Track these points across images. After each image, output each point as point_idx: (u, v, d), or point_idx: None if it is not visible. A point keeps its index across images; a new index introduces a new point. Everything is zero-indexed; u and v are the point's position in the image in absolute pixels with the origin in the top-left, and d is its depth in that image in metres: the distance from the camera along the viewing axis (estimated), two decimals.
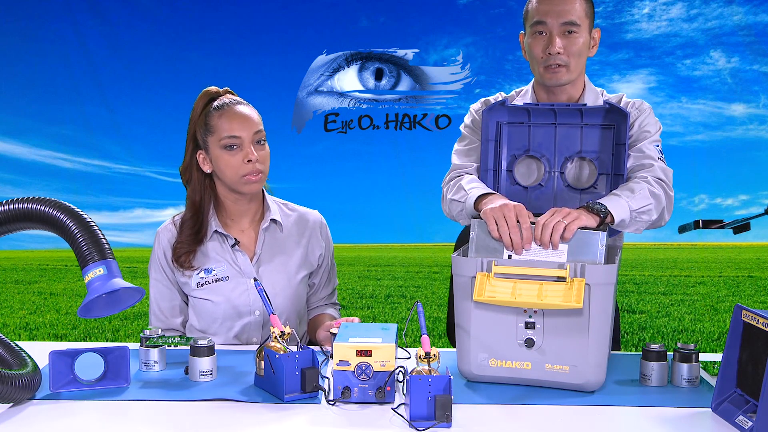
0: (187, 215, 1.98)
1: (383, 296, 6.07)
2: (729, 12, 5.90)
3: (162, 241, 2.00)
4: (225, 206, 2.00)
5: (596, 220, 1.62)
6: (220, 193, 1.99)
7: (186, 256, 1.96)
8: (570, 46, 1.85)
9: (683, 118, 6.08)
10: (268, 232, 2.02)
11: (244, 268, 1.97)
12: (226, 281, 1.96)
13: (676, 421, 1.40)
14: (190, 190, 1.98)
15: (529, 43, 1.89)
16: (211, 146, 1.92)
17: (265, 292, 1.60)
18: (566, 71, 1.87)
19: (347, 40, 6.17)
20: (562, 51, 1.84)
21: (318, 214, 2.12)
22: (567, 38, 1.84)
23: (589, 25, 1.88)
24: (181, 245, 1.96)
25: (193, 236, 1.96)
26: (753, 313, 1.35)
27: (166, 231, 2.01)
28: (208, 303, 1.96)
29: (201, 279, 1.96)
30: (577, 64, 1.88)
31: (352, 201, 6.23)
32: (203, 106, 1.94)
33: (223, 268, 1.97)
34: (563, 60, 1.85)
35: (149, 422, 1.40)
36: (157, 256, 2.01)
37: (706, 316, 5.48)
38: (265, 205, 2.04)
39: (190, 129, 1.96)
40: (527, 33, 1.90)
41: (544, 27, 1.85)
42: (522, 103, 1.87)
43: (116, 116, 6.17)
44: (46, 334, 5.11)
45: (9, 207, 1.44)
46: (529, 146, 1.86)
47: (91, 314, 1.49)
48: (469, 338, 1.55)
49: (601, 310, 1.48)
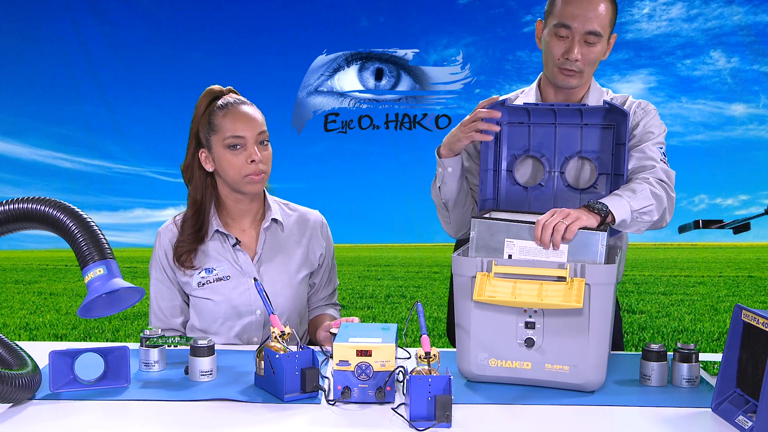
0: (188, 214, 1.98)
1: (383, 296, 6.07)
2: (729, 12, 5.90)
3: (163, 240, 2.00)
4: (226, 206, 2.00)
5: (597, 219, 1.61)
6: (221, 192, 1.99)
7: (187, 255, 1.96)
8: (588, 55, 1.85)
9: (683, 118, 6.08)
10: (269, 232, 2.02)
11: (245, 268, 1.97)
12: (227, 281, 1.96)
13: (676, 421, 1.40)
14: (192, 189, 1.98)
15: (548, 41, 1.87)
16: (215, 145, 1.92)
17: (265, 292, 1.61)
18: (579, 77, 1.88)
19: (347, 40, 6.17)
20: (580, 59, 1.84)
21: (319, 214, 2.12)
22: (587, 47, 1.84)
23: (610, 32, 1.87)
24: (182, 244, 1.96)
25: (194, 235, 1.96)
26: (753, 313, 1.35)
27: (167, 231, 2.01)
28: (209, 302, 1.96)
29: (202, 278, 1.96)
30: (591, 70, 1.89)
31: (352, 201, 6.23)
32: (207, 104, 1.94)
33: (224, 267, 1.97)
34: (579, 67, 1.85)
35: (149, 422, 1.40)
36: (158, 256, 2.00)
37: (706, 316, 5.48)
38: (266, 205, 2.04)
39: (193, 127, 1.96)
40: (548, 29, 1.87)
41: (567, 31, 1.83)
42: (522, 103, 1.87)
43: (116, 116, 6.17)
44: (46, 334, 5.11)
45: (9, 207, 1.44)
46: (529, 146, 1.86)
47: (91, 314, 1.49)
48: (469, 338, 1.55)
49: (601, 310, 1.48)
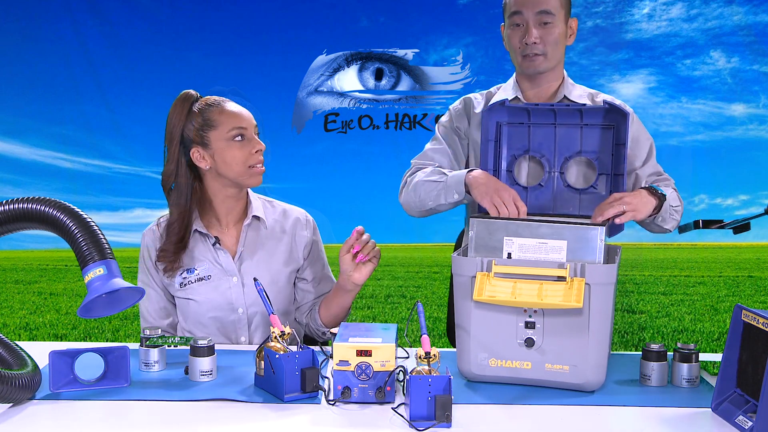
0: (173, 219, 1.96)
1: (383, 296, 6.07)
2: (729, 12, 5.90)
3: (147, 243, 2.01)
4: (213, 206, 1.99)
5: (654, 204, 1.75)
6: (210, 191, 1.98)
7: (170, 264, 1.95)
8: (546, 36, 1.91)
9: (683, 118, 6.07)
10: (251, 229, 2.02)
11: (226, 266, 1.98)
12: (208, 280, 1.96)
13: (676, 421, 1.40)
14: (175, 195, 1.96)
15: (508, 34, 1.97)
16: (214, 141, 1.91)
17: (265, 292, 1.61)
18: (544, 59, 1.94)
19: (347, 40, 6.16)
20: (538, 41, 1.91)
21: (302, 210, 2.11)
22: (543, 28, 1.91)
23: (565, 15, 1.95)
24: (165, 253, 1.95)
25: (177, 243, 1.94)
26: (753, 313, 1.35)
27: (151, 232, 2.01)
28: (192, 303, 1.97)
29: (183, 279, 1.97)
30: (555, 53, 1.95)
31: (352, 201, 6.22)
32: (189, 107, 1.93)
33: (205, 267, 1.97)
34: (540, 49, 1.92)
35: (149, 422, 1.40)
36: (143, 258, 2.01)
37: (706, 316, 5.48)
38: (248, 203, 2.03)
39: (174, 132, 1.93)
40: (506, 24, 1.97)
41: (520, 18, 1.92)
42: (523, 104, 1.88)
43: (116, 116, 6.16)
44: (46, 334, 5.11)
45: (9, 207, 1.44)
46: (529, 146, 1.86)
47: (91, 314, 1.49)
48: (469, 338, 1.55)
49: (601, 310, 1.48)
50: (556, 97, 2.01)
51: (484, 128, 1.84)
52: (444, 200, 1.90)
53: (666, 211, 1.84)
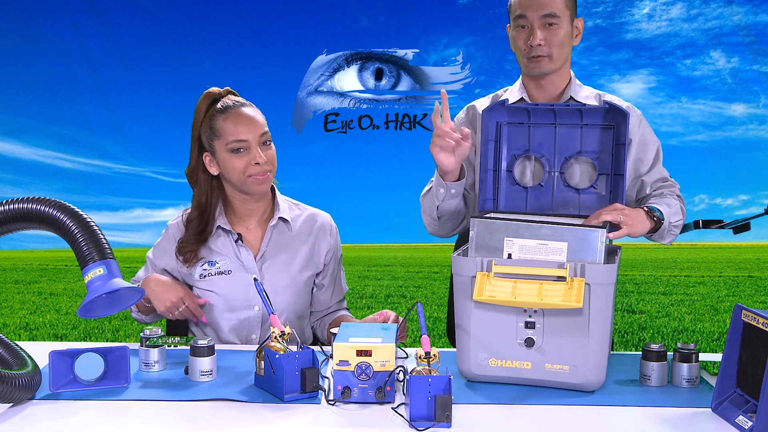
0: (193, 215, 2.00)
1: (383, 296, 6.07)
2: (729, 12, 5.90)
3: (175, 233, 2.03)
4: (233, 206, 2.02)
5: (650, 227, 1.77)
6: (228, 193, 2.01)
7: (190, 254, 1.98)
8: (551, 38, 1.90)
9: (683, 118, 6.07)
10: (276, 230, 2.03)
11: (247, 264, 1.99)
12: (228, 275, 1.98)
13: (676, 421, 1.40)
14: (197, 192, 2.01)
15: (513, 36, 1.96)
16: (218, 150, 1.93)
17: (265, 292, 1.61)
18: (549, 61, 1.92)
19: (347, 40, 6.16)
20: (543, 43, 1.90)
21: (328, 216, 2.13)
22: (548, 30, 1.90)
23: (570, 15, 1.93)
24: (185, 244, 1.99)
25: (196, 236, 1.98)
26: (753, 313, 1.35)
27: (175, 226, 2.04)
28: (210, 294, 1.98)
29: (204, 271, 1.98)
30: (560, 54, 1.93)
31: (352, 201, 6.22)
32: (206, 108, 1.95)
33: (226, 261, 1.99)
34: (545, 51, 1.91)
35: (149, 422, 1.40)
36: (162, 248, 2.03)
37: (706, 316, 5.48)
38: (275, 204, 2.04)
39: (195, 131, 1.97)
40: (511, 26, 1.97)
41: (525, 20, 1.91)
42: (523, 104, 1.88)
43: (116, 116, 6.16)
44: (46, 334, 5.11)
45: (9, 207, 1.44)
46: (529, 146, 1.86)
47: (91, 314, 1.49)
48: (469, 338, 1.55)
49: (601, 310, 1.48)
50: (562, 98, 1.99)
51: (484, 128, 1.84)
52: (438, 200, 1.91)
53: (664, 230, 1.83)
